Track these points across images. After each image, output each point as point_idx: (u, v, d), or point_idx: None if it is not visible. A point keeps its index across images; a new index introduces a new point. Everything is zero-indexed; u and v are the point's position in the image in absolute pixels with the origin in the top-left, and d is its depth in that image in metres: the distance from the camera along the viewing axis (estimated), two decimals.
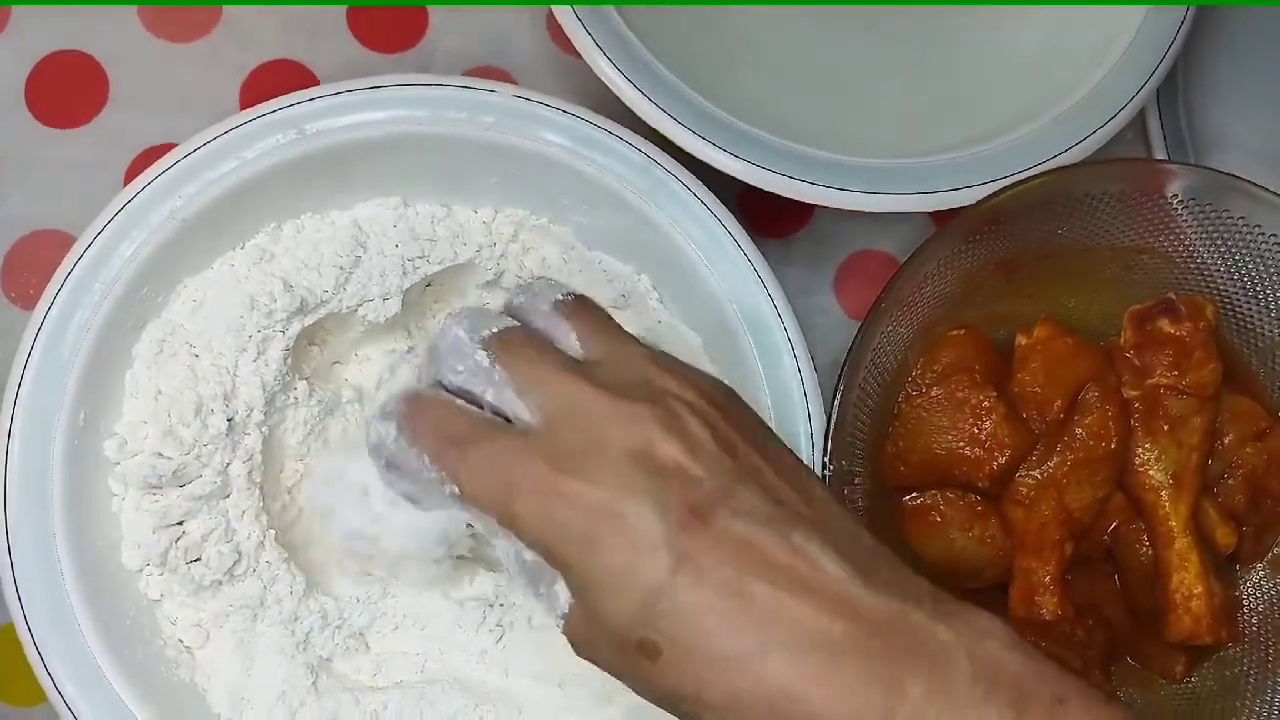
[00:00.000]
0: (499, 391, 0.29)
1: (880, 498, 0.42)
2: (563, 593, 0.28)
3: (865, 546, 0.29)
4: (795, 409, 0.38)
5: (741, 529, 0.27)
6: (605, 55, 0.38)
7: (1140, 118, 0.48)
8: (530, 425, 0.29)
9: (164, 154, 0.44)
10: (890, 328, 0.40)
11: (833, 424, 0.37)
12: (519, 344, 0.30)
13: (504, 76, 0.46)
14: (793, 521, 0.28)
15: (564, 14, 0.38)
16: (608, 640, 0.28)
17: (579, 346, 0.31)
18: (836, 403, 0.37)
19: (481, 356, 0.30)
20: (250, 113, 0.38)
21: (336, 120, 0.38)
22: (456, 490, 0.29)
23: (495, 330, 0.30)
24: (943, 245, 0.39)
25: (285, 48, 0.46)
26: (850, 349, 0.38)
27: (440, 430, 0.29)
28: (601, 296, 0.41)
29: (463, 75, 0.46)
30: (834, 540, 0.28)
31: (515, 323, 0.31)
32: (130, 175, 0.44)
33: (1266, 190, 0.40)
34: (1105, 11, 0.43)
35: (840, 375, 0.37)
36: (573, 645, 0.29)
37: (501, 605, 0.40)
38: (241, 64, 0.45)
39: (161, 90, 0.45)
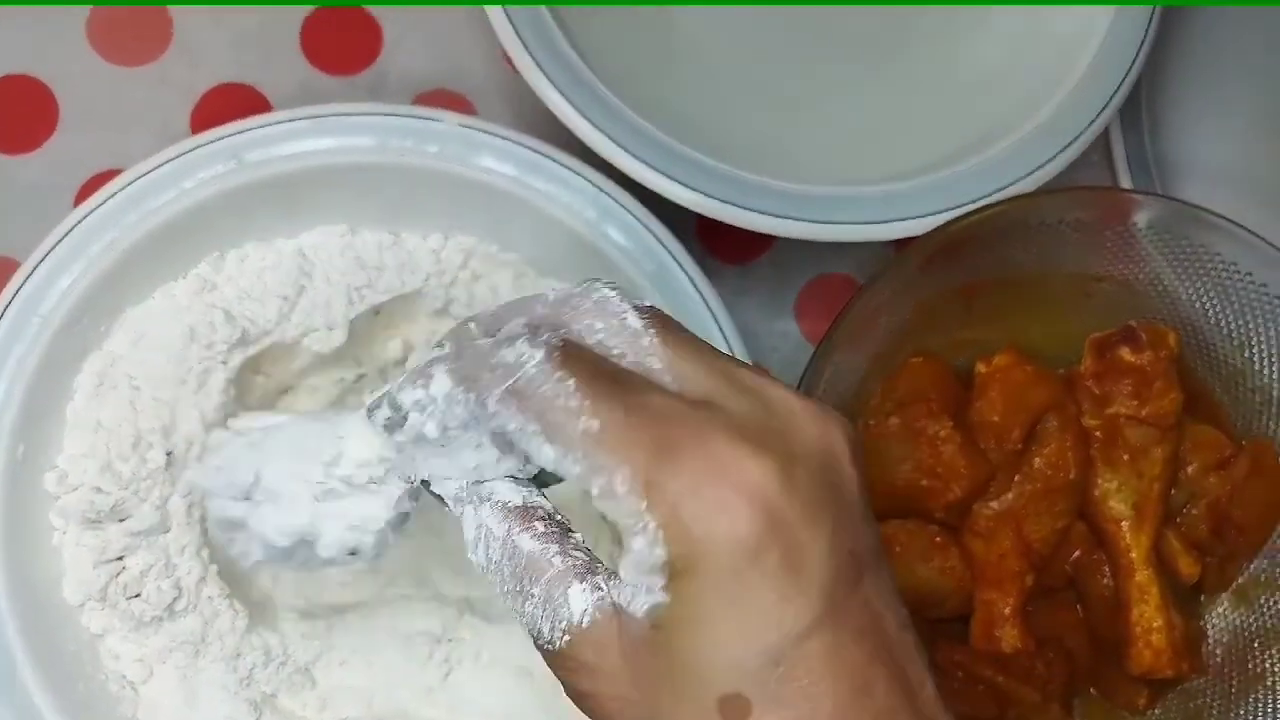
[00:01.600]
0: (644, 358, 0.24)
1: None
2: (576, 601, 0.24)
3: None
4: None
5: (879, 605, 0.23)
6: (553, 84, 0.38)
7: (1104, 139, 0.47)
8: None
9: (115, 178, 0.44)
10: (844, 358, 0.40)
11: None
12: (674, 323, 0.26)
13: (458, 100, 0.46)
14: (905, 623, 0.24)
15: (510, 40, 0.38)
16: (671, 686, 0.22)
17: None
18: None
19: (633, 318, 0.25)
20: (191, 141, 0.37)
21: (279, 149, 0.37)
22: (596, 426, 0.23)
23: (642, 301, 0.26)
24: (896, 277, 0.39)
25: (237, 71, 0.45)
26: (799, 383, 0.37)
27: (599, 365, 0.24)
28: None
29: (416, 98, 0.46)
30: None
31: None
32: (81, 200, 0.43)
33: (1228, 221, 0.39)
34: (1064, 32, 0.43)
35: None
36: (570, 673, 0.24)
37: (449, 640, 0.39)
38: (192, 86, 0.45)
39: (112, 114, 0.44)
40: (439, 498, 0.27)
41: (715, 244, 0.46)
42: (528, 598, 0.24)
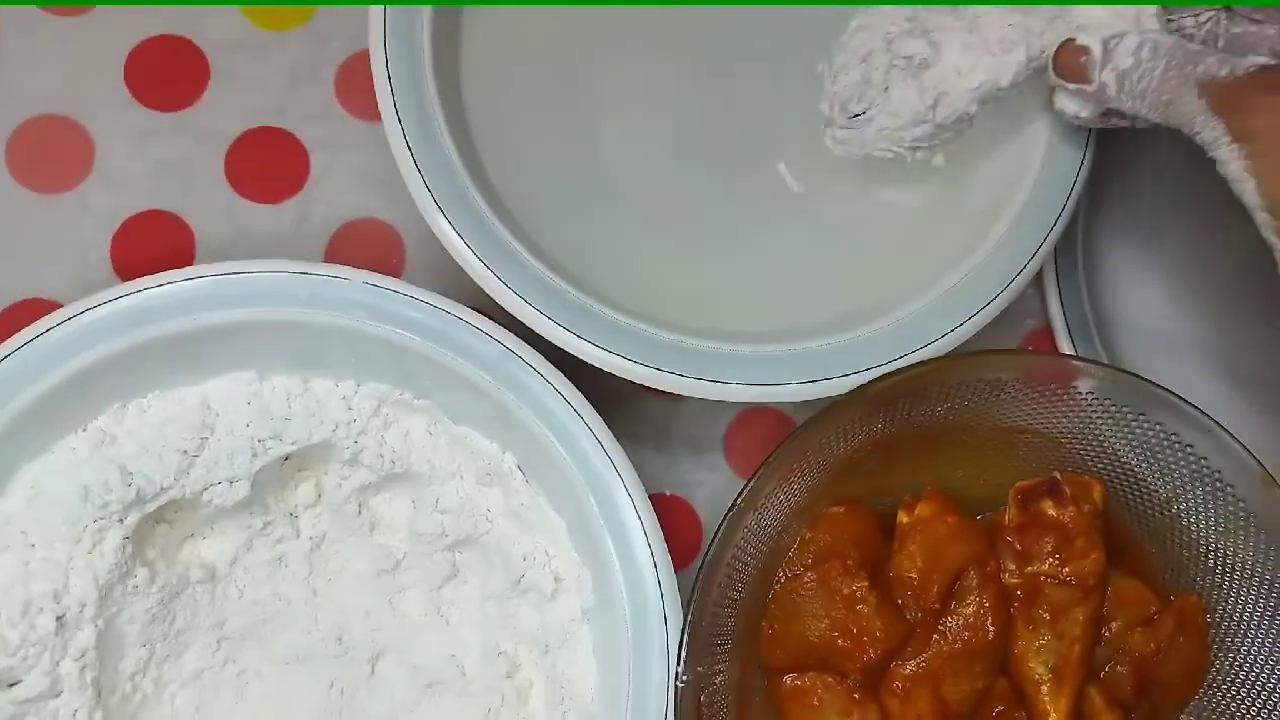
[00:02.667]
0: None
1: (759, 676, 0.41)
2: None
3: None
4: (650, 616, 0.37)
5: None
6: (467, 244, 0.37)
7: (1039, 291, 0.47)
8: None
9: (32, 308, 0.44)
10: (763, 509, 0.39)
11: (687, 632, 0.36)
12: None
13: (384, 228, 0.45)
14: None
15: (421, 196, 0.37)
16: None
17: None
18: (692, 609, 0.36)
19: None
20: (95, 299, 0.36)
21: (182, 310, 0.37)
22: None
23: None
24: (817, 432, 0.38)
25: (158, 198, 0.44)
26: (706, 552, 0.36)
27: None
28: (467, 472, 0.40)
29: (343, 226, 0.45)
30: None
31: None
32: None
33: (1160, 387, 0.38)
34: (992, 179, 0.42)
35: (696, 581, 0.36)
36: None
37: None
38: (114, 213, 0.44)
39: (31, 241, 0.44)
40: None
41: None
42: None
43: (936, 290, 0.40)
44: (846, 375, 0.38)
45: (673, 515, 0.46)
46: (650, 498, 0.39)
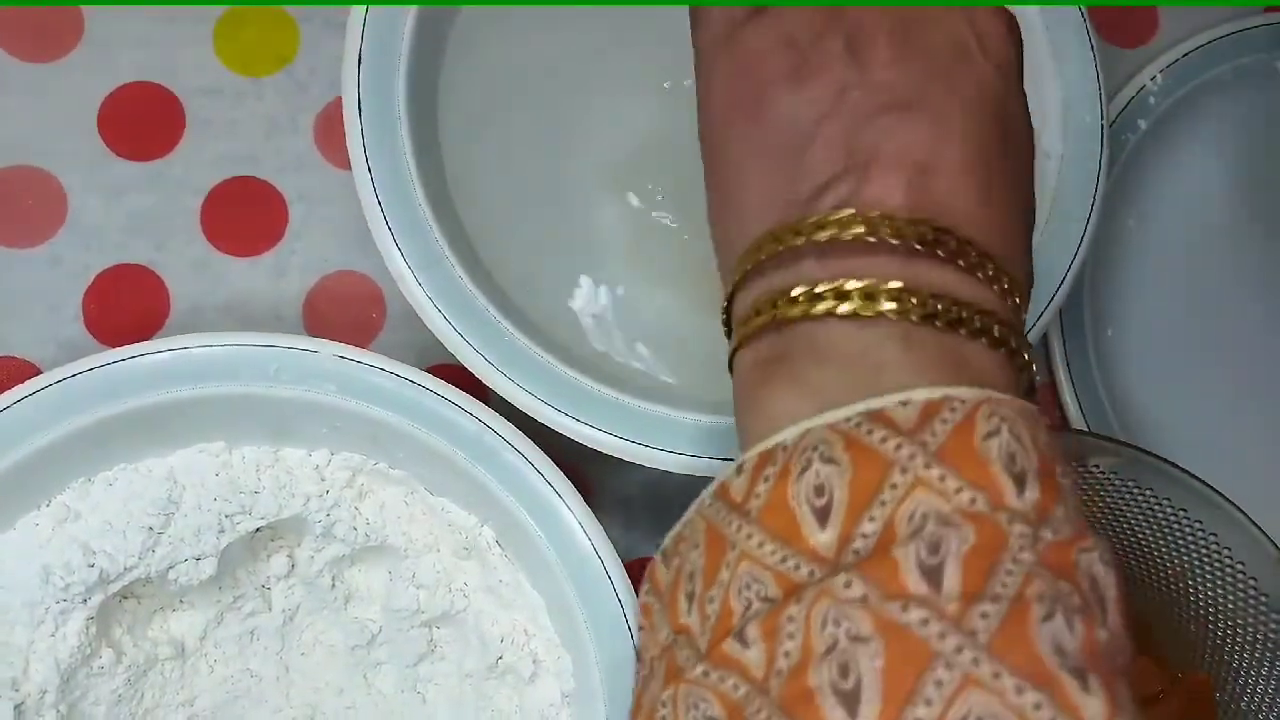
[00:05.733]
0: None
1: None
2: None
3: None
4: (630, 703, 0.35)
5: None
6: (442, 314, 0.35)
7: (1046, 357, 0.45)
8: None
9: (2, 366, 0.42)
10: None
11: None
12: None
13: (364, 281, 0.44)
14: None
15: (395, 263, 0.36)
16: None
17: None
18: None
19: None
20: (56, 374, 0.35)
21: (149, 389, 0.35)
22: None
23: None
24: None
25: (131, 251, 0.43)
26: None
27: None
28: (444, 545, 0.39)
29: (323, 279, 0.44)
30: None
31: None
32: None
33: (1171, 464, 0.37)
34: None
35: None
36: None
37: None
38: (85, 267, 0.43)
39: (1, 296, 0.43)
40: None
41: None
42: None
43: None
44: None
45: None
46: (640, 562, 0.37)
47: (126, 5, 0.44)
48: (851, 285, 0.24)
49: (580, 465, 0.40)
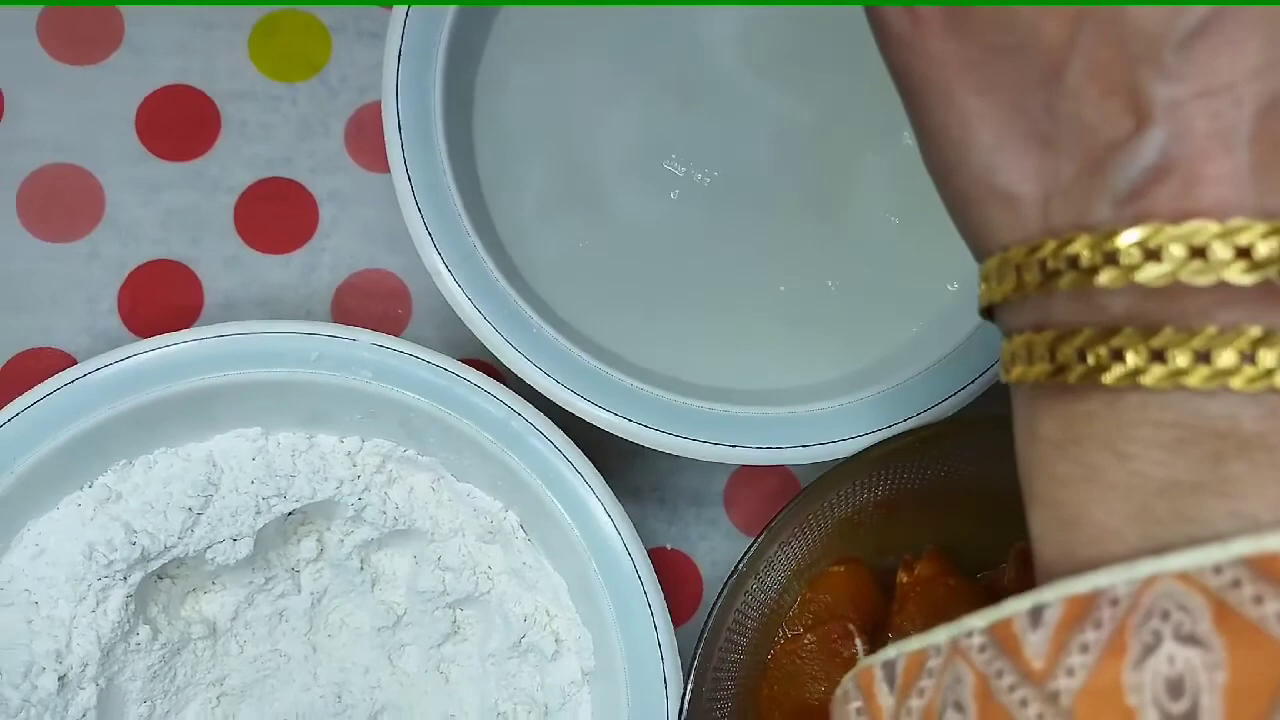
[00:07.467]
0: None
1: None
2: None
3: None
4: (650, 680, 0.37)
5: None
6: (473, 304, 0.37)
7: None
8: None
9: (40, 356, 0.44)
10: (765, 570, 0.39)
11: (687, 700, 0.36)
12: None
13: (390, 278, 0.45)
14: None
15: (429, 256, 0.37)
16: None
17: None
18: (692, 678, 0.36)
19: None
20: (95, 361, 0.37)
21: (190, 374, 0.37)
22: None
23: None
24: (810, 502, 0.38)
25: (166, 247, 0.45)
26: (708, 619, 0.36)
27: None
28: (469, 530, 0.40)
29: (352, 275, 0.45)
30: None
31: None
32: (5, 380, 0.43)
33: None
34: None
35: (697, 647, 0.36)
36: None
37: None
38: (122, 262, 0.45)
39: (39, 290, 0.44)
40: None
41: None
42: None
43: (941, 352, 0.40)
44: (853, 438, 0.38)
45: (674, 570, 0.46)
46: (651, 552, 0.39)
47: (166, 5, 0.45)
48: (1254, 332, 0.16)
49: (592, 455, 0.42)
